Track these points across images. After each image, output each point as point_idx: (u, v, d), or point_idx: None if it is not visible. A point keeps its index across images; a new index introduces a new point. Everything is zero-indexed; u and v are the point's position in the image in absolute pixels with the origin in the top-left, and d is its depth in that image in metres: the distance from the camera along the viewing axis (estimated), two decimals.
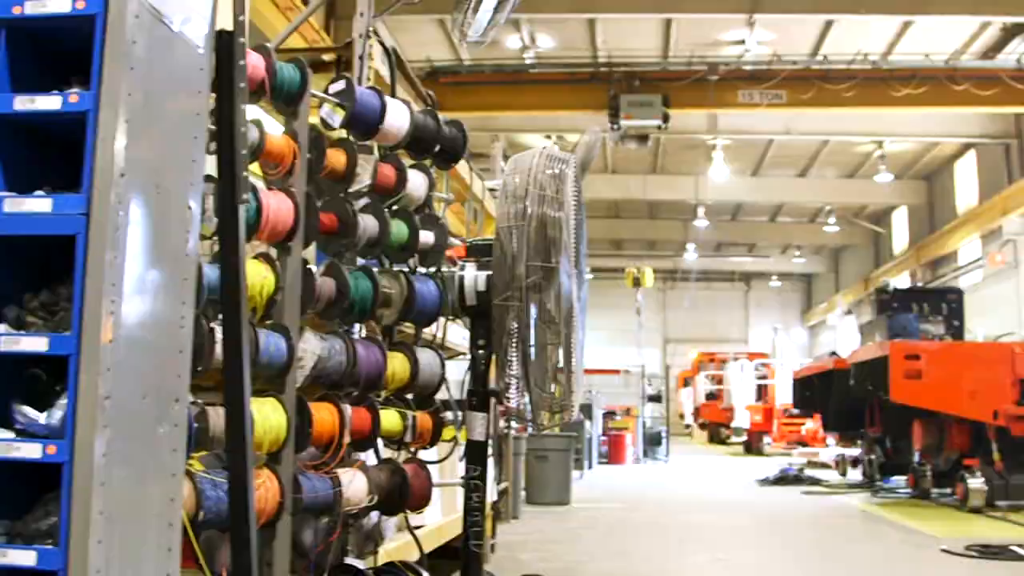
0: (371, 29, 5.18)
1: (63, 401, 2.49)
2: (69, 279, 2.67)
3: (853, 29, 17.56)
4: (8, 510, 2.59)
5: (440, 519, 5.96)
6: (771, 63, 17.75)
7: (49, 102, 2.57)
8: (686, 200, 29.19)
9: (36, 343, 2.45)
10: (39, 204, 2.51)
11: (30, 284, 2.71)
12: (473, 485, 4.01)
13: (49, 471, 2.60)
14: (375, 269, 4.14)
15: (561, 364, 3.92)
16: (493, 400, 4.04)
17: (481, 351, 4.03)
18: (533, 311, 3.84)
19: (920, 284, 26.72)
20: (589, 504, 12.84)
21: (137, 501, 2.55)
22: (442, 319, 4.63)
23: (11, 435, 2.50)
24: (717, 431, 33.31)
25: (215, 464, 3.88)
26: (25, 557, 2.42)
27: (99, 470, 2.38)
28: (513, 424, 9.69)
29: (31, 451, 2.43)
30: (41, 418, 2.50)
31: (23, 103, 2.57)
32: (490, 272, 3.96)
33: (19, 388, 2.61)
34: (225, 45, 3.01)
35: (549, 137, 22.23)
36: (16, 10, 2.61)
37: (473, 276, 4.06)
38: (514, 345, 3.83)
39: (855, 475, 16.94)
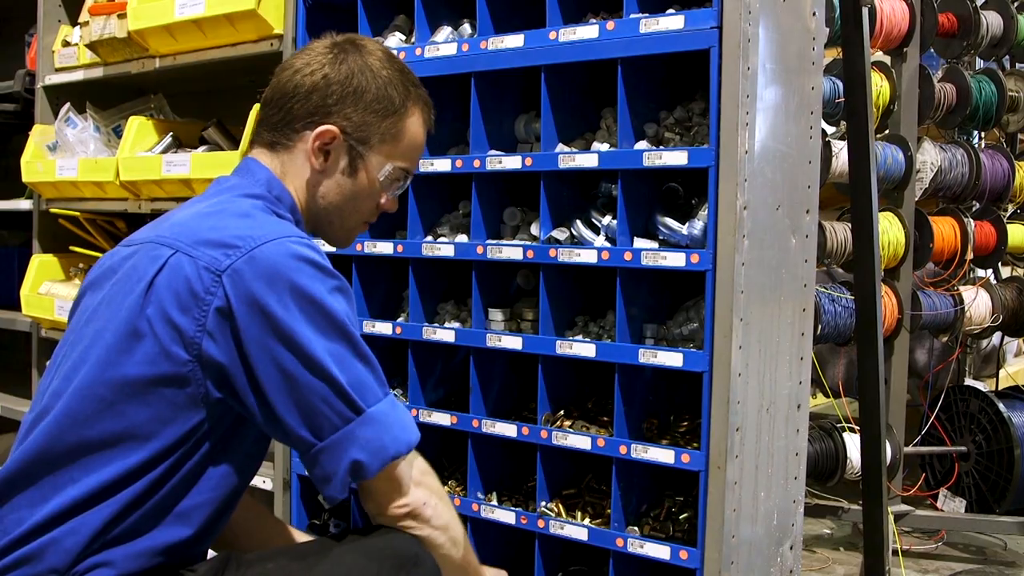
0: None
1: (703, 212, 2.58)
2: (700, 95, 2.75)
3: None
4: (653, 316, 2.79)
5: None
6: None
7: None
8: None
9: (677, 157, 2.54)
10: (672, 22, 2.57)
11: (663, 103, 2.83)
12: None
13: (686, 279, 2.75)
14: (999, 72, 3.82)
15: None
16: None
17: None
18: None
19: None
20: None
21: (772, 309, 2.61)
22: None
23: (655, 245, 2.66)
24: None
25: (825, 280, 3.88)
26: (672, 358, 2.58)
27: (739, 278, 2.45)
28: None
29: (676, 260, 2.55)
30: (683, 229, 2.62)
31: None
32: None
33: (659, 201, 2.77)
34: None
35: None
36: None
37: None
38: None
39: None
